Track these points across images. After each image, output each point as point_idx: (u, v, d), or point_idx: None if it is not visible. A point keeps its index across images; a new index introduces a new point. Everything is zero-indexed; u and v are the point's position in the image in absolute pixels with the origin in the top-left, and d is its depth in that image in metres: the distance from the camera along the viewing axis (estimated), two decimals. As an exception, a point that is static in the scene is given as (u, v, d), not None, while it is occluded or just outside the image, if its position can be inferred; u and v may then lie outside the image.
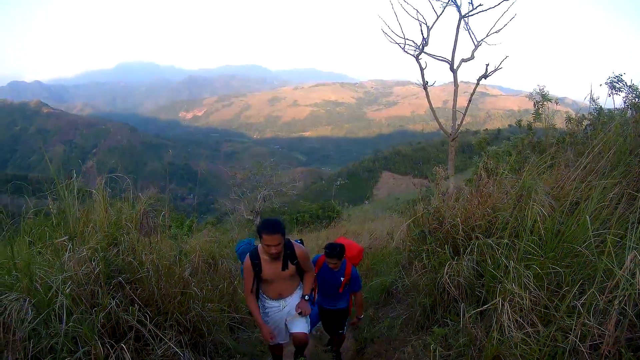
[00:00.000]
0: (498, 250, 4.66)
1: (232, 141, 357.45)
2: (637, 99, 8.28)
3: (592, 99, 8.96)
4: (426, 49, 11.31)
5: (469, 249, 5.24)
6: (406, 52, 11.51)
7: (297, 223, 28.76)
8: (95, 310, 4.08)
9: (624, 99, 8.50)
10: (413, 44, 11.38)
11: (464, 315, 4.55)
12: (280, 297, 5.77)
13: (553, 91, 10.80)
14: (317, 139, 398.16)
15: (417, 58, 11.45)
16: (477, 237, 5.26)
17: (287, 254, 5.55)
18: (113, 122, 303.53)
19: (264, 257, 5.45)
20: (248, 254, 5.56)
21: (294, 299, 5.82)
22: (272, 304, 5.82)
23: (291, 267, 5.59)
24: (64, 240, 4.57)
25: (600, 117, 8.61)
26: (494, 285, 4.44)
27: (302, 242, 6.22)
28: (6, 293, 3.78)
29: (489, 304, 4.25)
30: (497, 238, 4.94)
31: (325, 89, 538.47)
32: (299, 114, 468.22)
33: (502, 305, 3.95)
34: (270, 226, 5.19)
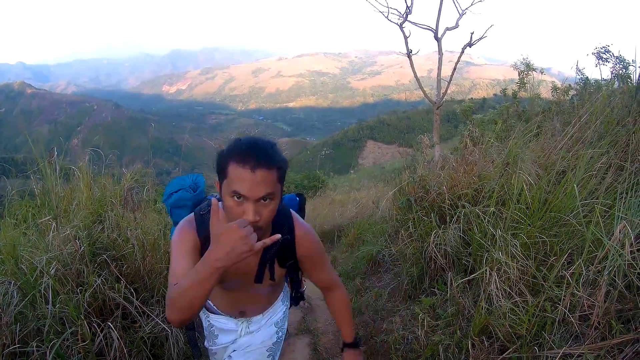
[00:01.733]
0: (485, 218, 4.66)
1: (216, 113, 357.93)
2: (624, 70, 8.28)
3: (578, 70, 8.96)
4: (410, 17, 11.26)
5: (455, 218, 5.24)
6: (390, 20, 11.47)
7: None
8: (81, 290, 4.05)
9: (612, 70, 8.50)
10: (397, 12, 11.34)
11: (451, 284, 4.56)
12: (242, 315, 3.02)
13: (538, 61, 10.84)
14: (302, 109, 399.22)
15: (400, 26, 11.40)
16: (463, 206, 5.26)
17: (279, 241, 2.11)
18: (97, 99, 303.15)
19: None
20: (191, 213, 2.62)
21: (264, 326, 3.11)
22: (222, 323, 3.06)
23: (280, 272, 2.73)
24: (48, 220, 4.53)
25: (586, 87, 8.62)
26: (481, 254, 4.44)
27: (303, 200, 3.76)
28: (-9, 277, 3.76)
29: (477, 273, 4.25)
30: (483, 206, 4.94)
31: (309, 59, 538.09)
32: (283, 85, 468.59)
33: (490, 274, 3.94)
34: (255, 148, 2.12)
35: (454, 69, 11.37)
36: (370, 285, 7.15)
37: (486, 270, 4.02)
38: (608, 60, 8.69)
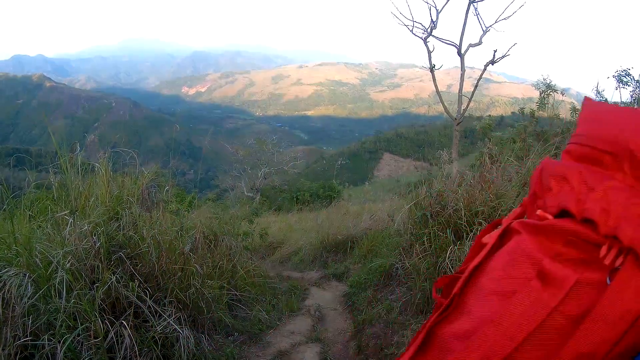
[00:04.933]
0: (501, 237, 4.66)
1: (234, 118, 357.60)
2: (643, 94, 8.25)
3: (598, 91, 8.93)
4: (434, 32, 11.30)
5: (471, 234, 5.24)
6: (414, 34, 11.51)
7: (297, 201, 28.78)
8: (95, 286, 4.04)
9: (631, 93, 8.47)
10: (421, 27, 11.37)
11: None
12: None
13: (557, 81, 10.83)
14: (320, 118, 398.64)
15: (425, 41, 11.44)
16: (479, 223, 5.26)
17: None
18: (116, 97, 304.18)
19: None
20: None
21: None
22: None
23: None
24: (65, 214, 4.53)
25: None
26: (495, 272, 4.44)
27: None
28: (6, 268, 3.75)
29: (490, 291, 4.23)
30: (500, 225, 4.94)
31: (329, 68, 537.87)
32: (303, 93, 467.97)
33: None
34: None
35: (476, 85, 11.41)
36: (382, 297, 7.12)
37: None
38: (628, 83, 8.66)
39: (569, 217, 1.09)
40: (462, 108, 11.30)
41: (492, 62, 11.09)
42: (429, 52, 11.44)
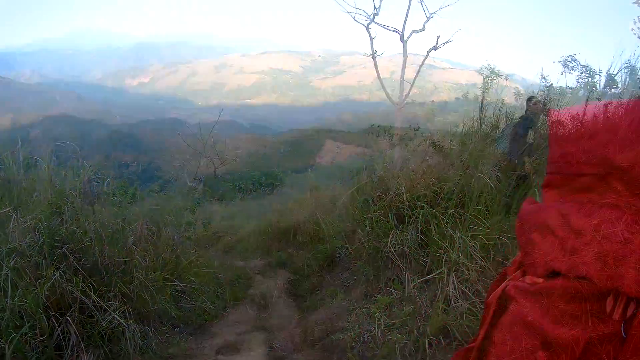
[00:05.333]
0: (443, 220, 4.74)
1: (177, 108, 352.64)
2: (590, 79, 8.43)
3: (543, 76, 9.10)
4: (377, 19, 11.38)
5: (413, 218, 5.30)
6: (357, 21, 11.58)
7: (240, 190, 28.83)
8: (39, 283, 4.00)
9: (577, 78, 8.65)
10: (364, 14, 11.44)
11: (408, 284, 4.60)
12: None
13: (502, 67, 11.03)
14: (263, 107, 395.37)
15: (367, 27, 11.51)
16: (422, 207, 5.33)
17: None
18: (60, 91, 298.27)
19: None
20: None
21: None
22: None
23: None
24: (9, 211, 4.47)
25: (550, 93, 8.72)
26: (439, 255, 4.51)
27: None
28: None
29: (434, 274, 4.31)
30: (442, 208, 5.02)
31: (272, 57, 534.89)
32: (245, 82, 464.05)
33: (448, 275, 4.00)
34: None
35: (418, 71, 11.53)
36: (326, 283, 7.17)
37: (444, 270, 4.07)
38: (574, 68, 8.85)
39: (562, 275, 1.04)
40: (404, 94, 11.41)
41: (435, 47, 11.23)
42: (371, 39, 11.54)
